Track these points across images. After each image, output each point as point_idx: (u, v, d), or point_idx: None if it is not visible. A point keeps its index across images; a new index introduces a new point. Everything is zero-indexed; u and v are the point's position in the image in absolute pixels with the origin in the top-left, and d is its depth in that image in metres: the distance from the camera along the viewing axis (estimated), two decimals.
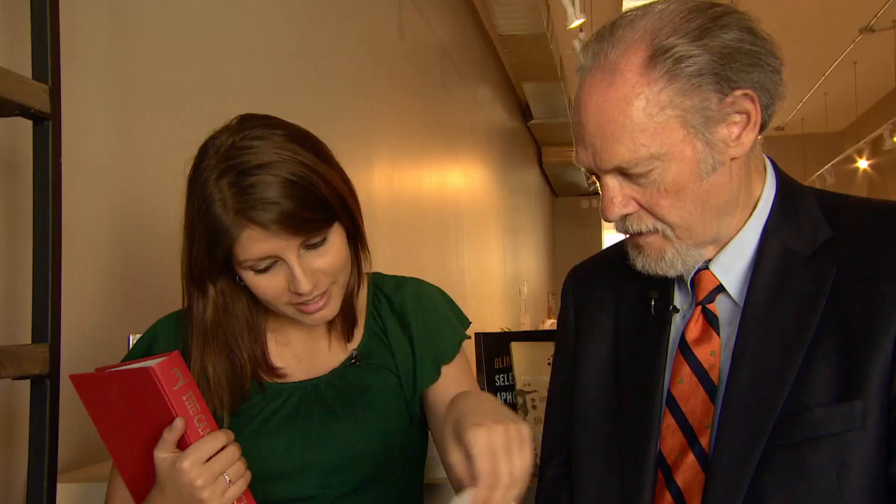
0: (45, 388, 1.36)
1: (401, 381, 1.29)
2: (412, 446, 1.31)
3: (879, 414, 0.95)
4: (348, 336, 1.29)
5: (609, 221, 1.07)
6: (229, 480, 1.11)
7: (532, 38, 7.01)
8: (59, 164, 1.39)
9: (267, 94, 2.77)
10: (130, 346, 1.62)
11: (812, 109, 11.47)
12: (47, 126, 1.37)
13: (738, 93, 1.01)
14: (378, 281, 1.37)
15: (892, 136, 8.54)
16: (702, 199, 1.04)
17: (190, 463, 1.09)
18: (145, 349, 1.31)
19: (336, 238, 1.18)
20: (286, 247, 1.13)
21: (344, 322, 1.28)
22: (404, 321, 1.32)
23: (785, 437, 0.98)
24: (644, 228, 1.07)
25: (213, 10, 2.47)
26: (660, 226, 1.06)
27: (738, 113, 1.02)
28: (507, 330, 5.84)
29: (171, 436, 1.10)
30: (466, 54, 6.65)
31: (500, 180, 8.40)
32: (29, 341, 1.37)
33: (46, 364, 1.34)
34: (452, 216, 6.13)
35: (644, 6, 1.04)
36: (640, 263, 1.10)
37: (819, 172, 11.29)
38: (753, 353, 1.03)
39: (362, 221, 1.25)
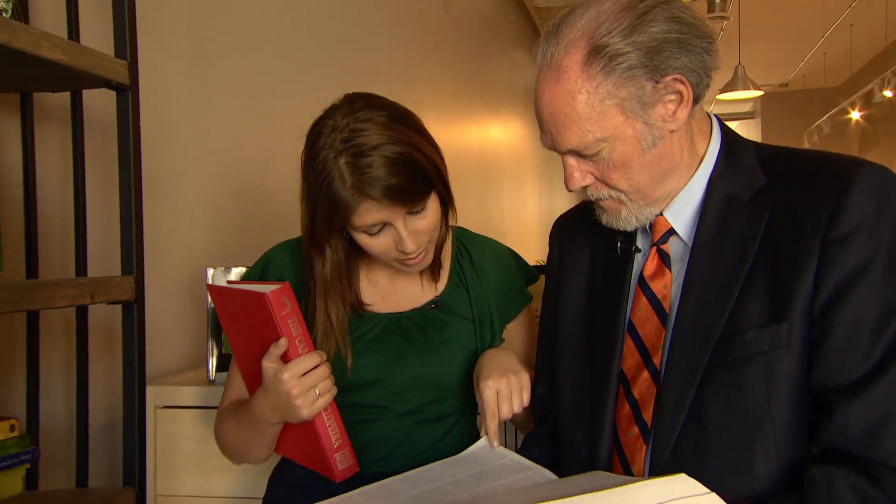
0: (132, 312, 1.40)
1: (475, 327, 1.31)
2: (471, 381, 1.33)
3: (802, 333, 0.95)
4: (434, 277, 1.32)
5: (572, 192, 1.09)
6: (318, 393, 1.15)
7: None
8: (139, 128, 1.41)
9: (326, 65, 2.77)
10: (208, 278, 1.67)
11: (812, 68, 11.11)
12: (127, 96, 1.39)
13: (669, 78, 0.99)
14: (462, 236, 1.39)
15: (881, 91, 8.22)
16: (647, 169, 1.04)
17: (289, 375, 1.14)
18: (261, 271, 1.35)
19: (433, 204, 1.19)
20: (394, 215, 1.15)
21: (431, 267, 1.30)
22: (484, 279, 1.34)
23: (723, 356, 0.98)
24: (603, 196, 1.08)
25: None
26: (614, 193, 1.07)
27: (671, 94, 1.01)
28: (540, 263, 5.85)
29: (276, 350, 1.15)
30: (506, 25, 6.52)
31: (537, 134, 8.25)
32: (119, 273, 1.41)
33: (133, 292, 1.38)
34: (493, 166, 6.09)
35: (585, 2, 1.02)
36: (604, 220, 1.11)
37: (817, 123, 10.96)
38: (699, 286, 1.03)
39: (450, 186, 1.25)
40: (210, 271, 1.68)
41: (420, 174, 1.14)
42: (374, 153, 1.11)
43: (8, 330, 1.44)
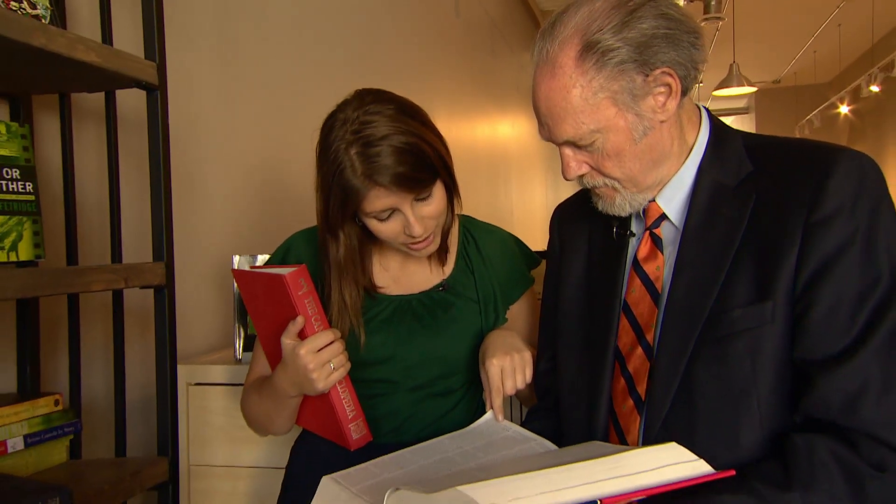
0: (163, 296, 1.41)
1: (480, 308, 1.31)
2: (477, 358, 1.32)
3: (786, 311, 0.94)
4: (442, 262, 1.31)
5: (569, 180, 1.07)
6: (333, 367, 1.16)
7: None
8: (167, 125, 1.41)
9: (344, 65, 2.76)
10: (234, 264, 1.68)
11: (803, 65, 10.99)
12: (156, 95, 1.39)
13: (658, 71, 0.98)
14: (468, 223, 1.38)
15: (868, 86, 8.13)
16: (639, 158, 1.02)
17: (305, 351, 1.14)
18: (282, 256, 1.35)
19: (438, 191, 1.19)
20: (402, 201, 1.14)
21: (439, 252, 1.30)
22: (489, 264, 1.33)
23: (712, 333, 0.97)
24: (598, 183, 1.07)
25: None
26: (608, 181, 1.06)
27: (660, 86, 0.99)
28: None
29: (294, 328, 1.15)
30: (513, 27, 6.49)
31: None
32: (150, 260, 1.42)
33: (163, 277, 1.39)
34: (502, 160, 6.07)
35: (579, 1, 1.01)
36: (600, 206, 1.10)
37: (808, 117, 10.85)
38: (689, 267, 1.02)
39: (455, 175, 1.24)
40: (236, 258, 1.69)
41: (425, 163, 1.14)
42: (382, 143, 1.11)
43: (52, 313, 1.46)
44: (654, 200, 1.08)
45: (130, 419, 1.61)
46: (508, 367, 1.18)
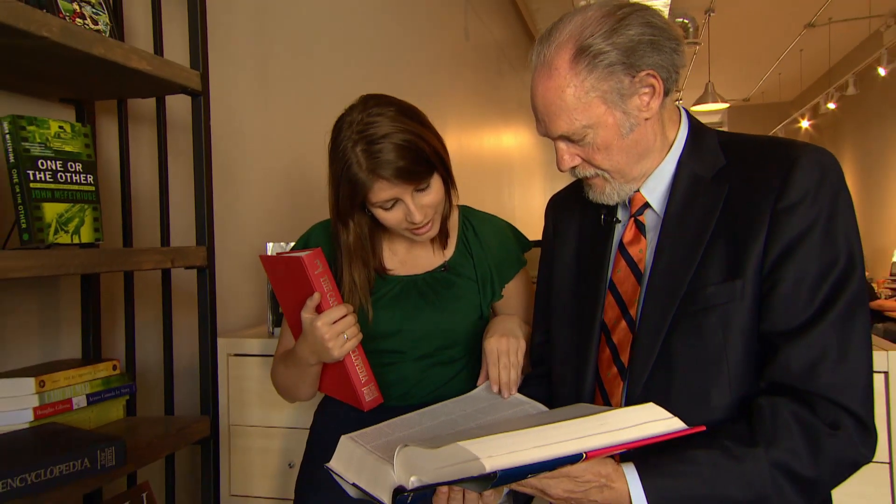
0: (205, 276, 1.40)
1: (478, 286, 1.29)
2: (477, 331, 1.31)
3: (753, 289, 0.92)
4: (443, 246, 1.30)
5: (562, 172, 1.05)
6: (346, 338, 1.14)
7: None
8: (209, 127, 1.40)
9: (366, 80, 2.75)
10: (268, 250, 1.67)
11: (769, 85, 10.88)
12: (200, 100, 1.38)
13: (643, 73, 0.95)
14: (467, 212, 1.36)
15: (826, 104, 8.04)
16: (625, 151, 1.00)
17: (321, 323, 1.13)
18: (303, 244, 1.34)
19: (436, 182, 1.17)
20: (403, 192, 1.13)
21: (440, 237, 1.28)
22: (486, 247, 1.32)
23: (688, 308, 0.95)
24: (588, 174, 1.04)
25: (334, 16, 2.44)
26: (599, 172, 1.03)
27: (645, 87, 0.97)
28: None
29: (311, 303, 1.14)
30: (516, 49, 6.45)
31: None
32: (194, 244, 1.41)
33: (205, 259, 1.38)
34: (506, 167, 6.05)
35: (573, 11, 0.99)
36: (591, 196, 1.08)
37: (773, 131, 10.75)
38: (669, 249, 0.99)
39: (451, 168, 1.23)
40: (270, 245, 1.67)
41: (423, 158, 1.12)
42: (384, 141, 1.09)
43: (110, 290, 1.45)
44: (638, 191, 1.06)
45: (178, 383, 1.61)
46: (504, 348, 1.17)
